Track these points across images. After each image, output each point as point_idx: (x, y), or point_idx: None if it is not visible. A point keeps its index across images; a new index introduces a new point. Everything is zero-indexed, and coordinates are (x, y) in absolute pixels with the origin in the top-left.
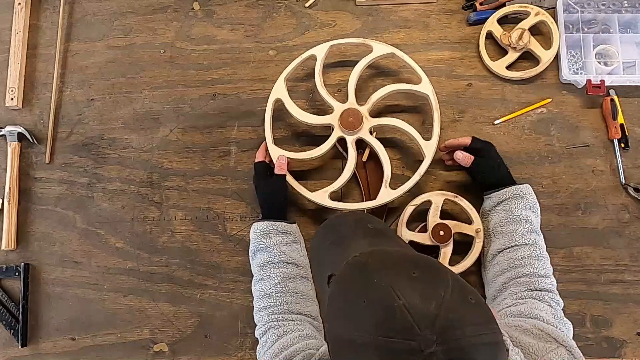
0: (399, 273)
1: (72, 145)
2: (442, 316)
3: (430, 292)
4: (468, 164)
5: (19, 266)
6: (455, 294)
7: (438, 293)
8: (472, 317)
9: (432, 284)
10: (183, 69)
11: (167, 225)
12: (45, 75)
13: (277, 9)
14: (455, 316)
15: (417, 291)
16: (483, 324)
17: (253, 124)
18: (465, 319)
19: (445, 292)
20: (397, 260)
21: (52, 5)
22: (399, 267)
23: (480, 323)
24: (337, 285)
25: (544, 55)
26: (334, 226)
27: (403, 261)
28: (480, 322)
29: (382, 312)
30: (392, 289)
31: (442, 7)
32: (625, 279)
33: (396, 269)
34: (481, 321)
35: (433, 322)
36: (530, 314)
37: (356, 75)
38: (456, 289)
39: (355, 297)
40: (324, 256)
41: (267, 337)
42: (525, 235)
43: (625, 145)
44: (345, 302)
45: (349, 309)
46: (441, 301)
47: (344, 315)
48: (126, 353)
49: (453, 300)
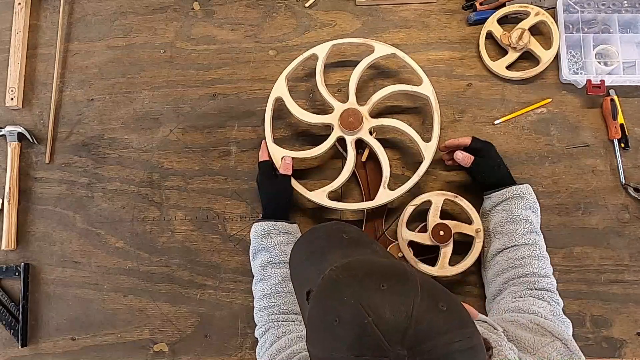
0: (367, 287)
1: (72, 145)
2: (411, 328)
3: (399, 304)
4: (468, 164)
5: (19, 266)
6: (424, 303)
7: (407, 304)
8: (443, 325)
9: (401, 294)
10: (183, 69)
11: (167, 225)
12: (45, 75)
13: (277, 9)
14: (425, 327)
15: (386, 304)
16: (455, 330)
17: (253, 124)
18: (436, 328)
19: (414, 302)
20: (366, 273)
21: (52, 5)
22: (367, 281)
23: (452, 330)
24: (313, 304)
25: (544, 55)
26: (309, 240)
27: (372, 273)
28: (452, 329)
29: (353, 331)
30: (361, 306)
31: (442, 7)
32: (625, 279)
33: (365, 283)
34: (453, 328)
35: (403, 336)
36: (528, 310)
37: (357, 76)
38: (425, 296)
39: (328, 317)
40: (302, 272)
41: (267, 338)
42: (525, 235)
43: (625, 145)
44: (320, 321)
45: (324, 329)
46: (410, 312)
47: (319, 337)
48: (126, 353)
49: (422, 309)
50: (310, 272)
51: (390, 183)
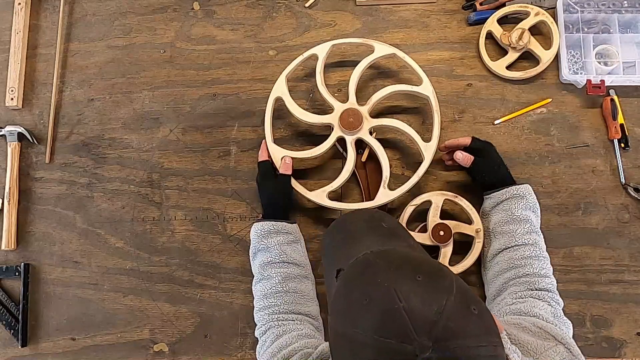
0: (403, 275)
1: (72, 145)
2: (440, 324)
3: (432, 297)
4: (468, 164)
5: (19, 266)
6: (457, 302)
7: (440, 299)
8: (471, 327)
9: (435, 289)
10: (183, 69)
11: (167, 225)
12: (45, 75)
13: (277, 9)
14: (454, 325)
15: (418, 295)
16: (482, 335)
17: (253, 124)
18: (464, 329)
19: (447, 300)
20: (403, 262)
21: (52, 5)
22: (404, 269)
23: (480, 335)
24: (343, 282)
25: (544, 55)
26: (347, 222)
27: (409, 263)
28: (480, 334)
29: (382, 313)
30: (394, 291)
31: (442, 7)
32: (625, 279)
33: (401, 271)
34: (481, 333)
35: (431, 329)
36: (530, 312)
37: (357, 76)
38: (459, 297)
39: (357, 296)
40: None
41: (267, 337)
42: (525, 235)
43: (625, 145)
44: (348, 299)
45: (351, 307)
46: (442, 308)
47: (345, 312)
48: (126, 353)
49: (454, 308)
50: (344, 252)
51: (390, 183)
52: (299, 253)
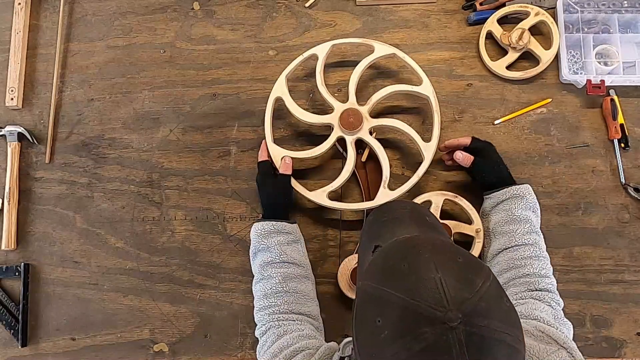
0: (444, 254)
1: (72, 145)
2: (473, 301)
3: (469, 277)
4: (468, 164)
5: (19, 266)
6: (492, 289)
7: (477, 281)
8: (501, 315)
9: (474, 272)
10: (183, 69)
11: (167, 225)
12: (45, 75)
13: (277, 9)
14: (486, 306)
15: (456, 272)
16: (510, 325)
17: (253, 124)
18: (494, 312)
19: (483, 283)
20: (446, 245)
21: (52, 5)
22: (446, 250)
23: (508, 324)
24: (383, 253)
25: (544, 55)
26: (395, 208)
27: (452, 247)
28: (509, 324)
29: (418, 279)
30: (434, 264)
31: (442, 7)
32: (625, 279)
33: (444, 251)
34: (509, 322)
35: (463, 304)
36: (531, 315)
37: (357, 76)
38: (494, 286)
39: (397, 262)
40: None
41: (267, 337)
42: (525, 235)
43: (625, 145)
44: (386, 264)
45: (387, 270)
46: (477, 289)
47: (380, 274)
48: (126, 353)
49: (489, 293)
50: (386, 231)
51: (390, 183)
52: (299, 253)
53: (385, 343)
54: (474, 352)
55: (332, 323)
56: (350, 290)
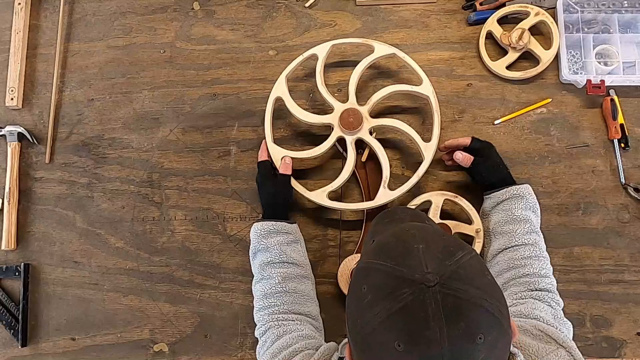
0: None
1: (72, 145)
2: (452, 268)
3: (450, 250)
4: (468, 164)
5: (19, 266)
6: (473, 261)
7: (458, 253)
8: (480, 283)
9: (455, 247)
10: (183, 69)
11: (167, 225)
12: (45, 75)
13: (277, 9)
14: (464, 273)
15: (438, 245)
16: (489, 295)
17: (253, 124)
18: (473, 280)
19: (464, 255)
20: (435, 230)
21: (52, 5)
22: (434, 232)
23: (487, 292)
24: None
25: (544, 55)
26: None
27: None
28: (487, 292)
29: (402, 248)
30: (419, 238)
31: (442, 7)
32: (625, 279)
33: (431, 232)
34: (488, 292)
35: (441, 270)
36: (530, 315)
37: (357, 76)
38: (476, 260)
39: (386, 237)
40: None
41: (267, 337)
42: (525, 235)
43: (625, 145)
44: (376, 241)
45: (377, 246)
46: (457, 259)
47: (371, 251)
48: (126, 353)
49: (469, 263)
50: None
51: (390, 183)
52: (298, 253)
53: (368, 306)
54: (449, 312)
55: (332, 323)
56: None
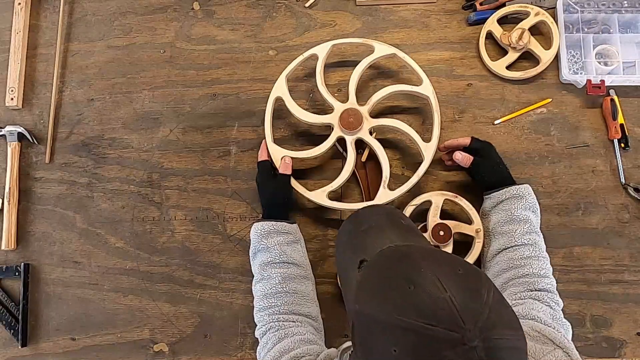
0: (444, 267)
1: (72, 145)
2: (485, 314)
3: (474, 290)
4: (467, 164)
5: (19, 266)
6: (496, 296)
7: (483, 292)
8: (510, 321)
9: (477, 283)
10: (183, 69)
11: (167, 225)
12: (45, 75)
13: (277, 9)
14: (496, 317)
15: (462, 287)
16: (518, 329)
17: (253, 124)
18: (505, 321)
19: (487, 293)
20: (440, 257)
21: (52, 5)
22: (443, 263)
23: (516, 328)
24: (374, 270)
25: (544, 55)
26: (368, 215)
27: (446, 258)
28: (516, 328)
29: (429, 300)
30: (439, 281)
31: (442, 7)
32: (625, 279)
33: (441, 263)
34: (516, 327)
35: (477, 319)
36: (528, 315)
37: (357, 76)
38: (496, 292)
39: (399, 282)
40: (355, 242)
41: (268, 338)
42: (524, 235)
43: (625, 145)
44: (386, 285)
45: (391, 292)
46: (484, 300)
47: (383, 298)
48: (126, 353)
49: (495, 301)
50: (366, 242)
51: (390, 183)
52: (299, 253)
53: None
54: None
55: (332, 323)
56: None
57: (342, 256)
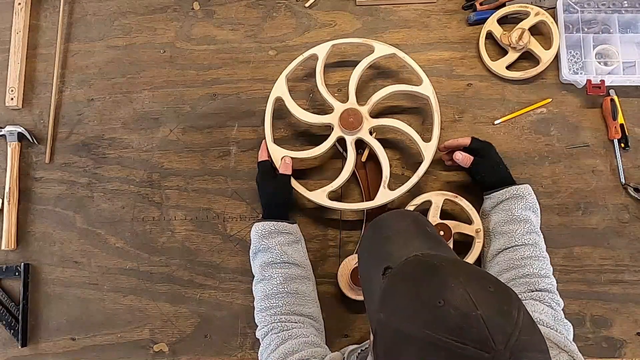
0: (475, 283)
1: (72, 145)
2: (515, 336)
3: (505, 310)
4: (467, 164)
5: (19, 266)
6: (526, 318)
7: (514, 312)
8: (539, 343)
9: (508, 302)
10: (183, 69)
11: (167, 225)
12: (45, 75)
13: (277, 9)
14: (527, 339)
15: (493, 306)
16: (546, 352)
17: (253, 124)
18: (534, 343)
19: (517, 314)
20: (470, 271)
21: (52, 5)
22: (474, 278)
23: (545, 351)
24: (401, 279)
25: (544, 55)
26: (393, 220)
27: (476, 273)
28: (545, 350)
29: (459, 317)
30: (470, 297)
31: (442, 7)
32: (625, 279)
33: (472, 278)
34: (545, 349)
35: (508, 340)
36: None
37: (357, 76)
38: (525, 312)
39: (429, 297)
40: (381, 248)
41: (271, 339)
42: (525, 235)
43: (625, 145)
44: (414, 297)
45: (420, 306)
46: (516, 321)
47: (412, 310)
48: (126, 353)
49: (526, 322)
50: (392, 249)
51: (390, 183)
52: (299, 253)
53: None
54: None
55: (332, 323)
56: (350, 290)
57: (365, 262)
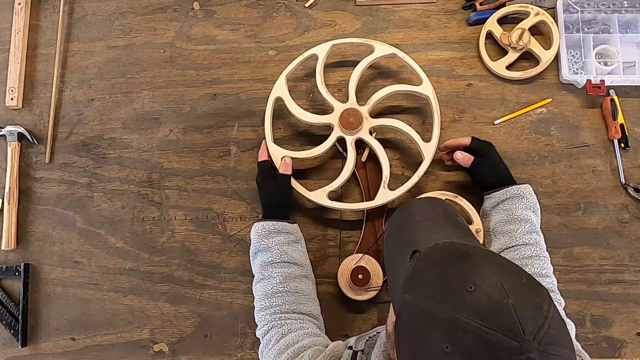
0: (507, 273)
1: (72, 145)
2: (545, 329)
3: (537, 302)
4: (468, 164)
5: (19, 266)
6: (556, 313)
7: (544, 306)
8: (567, 338)
9: (539, 295)
10: (183, 69)
11: (167, 225)
12: (45, 75)
13: (277, 9)
14: (556, 333)
15: (525, 297)
16: (572, 349)
17: (253, 124)
18: (563, 339)
19: (548, 308)
20: (503, 262)
21: (52, 5)
22: (506, 268)
23: (572, 348)
24: (430, 263)
25: (544, 55)
26: (422, 206)
27: (508, 265)
28: (572, 348)
29: (491, 304)
30: (502, 286)
31: (442, 7)
32: (625, 279)
33: (504, 268)
34: (572, 347)
35: (537, 332)
36: None
37: (357, 76)
38: (555, 308)
39: (460, 281)
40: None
41: (271, 336)
42: (525, 235)
43: (625, 145)
44: (444, 280)
45: (453, 291)
46: (546, 314)
47: (445, 295)
48: (126, 353)
49: (556, 317)
50: (422, 235)
51: (390, 183)
52: (299, 253)
53: None
54: None
55: (332, 323)
56: (350, 290)
57: (392, 245)
